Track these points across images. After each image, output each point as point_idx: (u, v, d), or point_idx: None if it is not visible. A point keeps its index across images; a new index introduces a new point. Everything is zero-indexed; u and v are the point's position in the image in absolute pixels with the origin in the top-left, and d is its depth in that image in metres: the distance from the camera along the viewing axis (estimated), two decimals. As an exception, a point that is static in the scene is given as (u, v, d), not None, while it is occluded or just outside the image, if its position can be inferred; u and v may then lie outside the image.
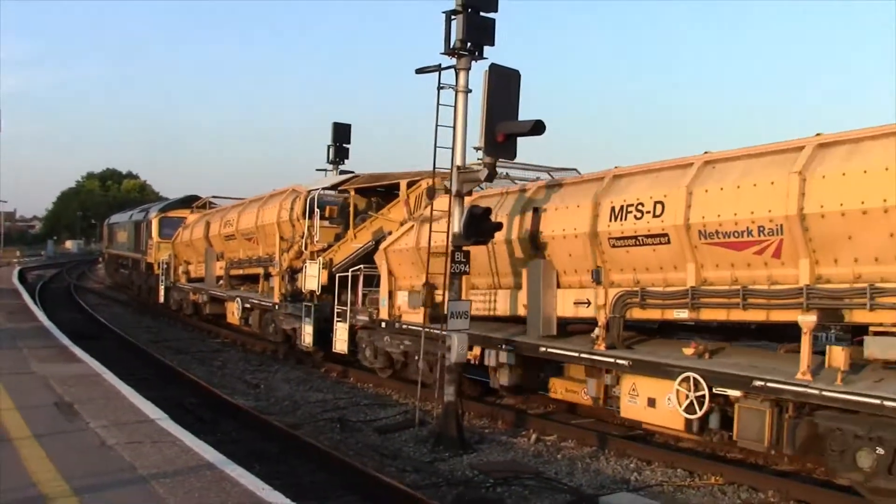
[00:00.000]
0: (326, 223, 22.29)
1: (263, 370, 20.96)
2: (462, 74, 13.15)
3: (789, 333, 11.09)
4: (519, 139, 12.92)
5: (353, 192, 21.67)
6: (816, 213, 10.27)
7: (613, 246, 12.89)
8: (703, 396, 11.20)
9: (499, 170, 15.89)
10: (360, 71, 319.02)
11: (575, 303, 13.76)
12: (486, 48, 13.09)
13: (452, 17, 12.90)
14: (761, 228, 10.91)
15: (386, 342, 17.94)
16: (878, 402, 9.21)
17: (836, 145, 10.45)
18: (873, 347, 9.94)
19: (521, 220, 14.57)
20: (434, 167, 13.79)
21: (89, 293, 49.07)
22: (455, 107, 13.25)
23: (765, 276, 11.13)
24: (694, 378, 11.32)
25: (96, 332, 27.01)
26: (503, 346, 14.59)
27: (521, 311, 14.56)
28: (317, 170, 27.37)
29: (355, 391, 18.05)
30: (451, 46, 12.99)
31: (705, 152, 12.22)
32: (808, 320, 10.28)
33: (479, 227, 13.22)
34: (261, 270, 25.42)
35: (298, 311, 21.14)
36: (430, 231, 14.40)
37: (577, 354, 13.32)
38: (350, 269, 19.43)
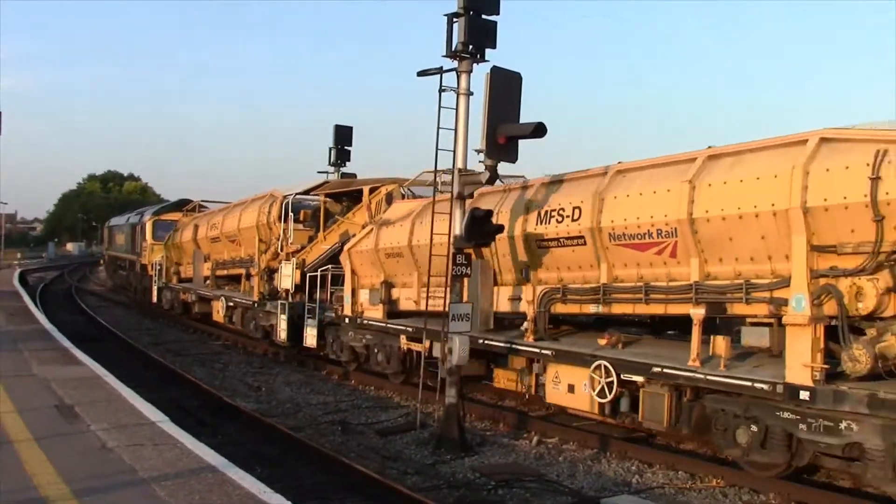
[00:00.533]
0: (300, 226, 23.66)
1: (265, 373, 20.95)
2: (463, 77, 13.15)
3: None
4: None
5: (323, 197, 23.46)
6: (703, 217, 11.54)
7: (539, 247, 14.20)
8: (612, 382, 12.50)
9: (447, 177, 17.79)
10: (363, 73, 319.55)
11: (509, 299, 15.08)
12: (488, 51, 13.09)
13: (454, 19, 12.90)
14: (660, 231, 12.19)
15: (350, 337, 19.49)
16: (749, 384, 10.60)
17: (723, 157, 11.73)
18: (748, 336, 11.44)
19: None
20: (436, 169, 13.80)
21: (90, 295, 49.10)
22: (456, 109, 13.25)
23: (664, 274, 12.43)
24: (605, 366, 12.62)
25: (97, 335, 27.03)
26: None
27: None
28: (318, 172, 27.48)
29: (357, 394, 18.04)
30: (453, 49, 12.99)
31: (618, 162, 13.46)
32: (697, 313, 11.53)
33: (481, 229, 13.23)
34: (243, 271, 26.75)
35: (275, 309, 22.52)
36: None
37: (508, 345, 14.56)
38: (319, 270, 20.99)
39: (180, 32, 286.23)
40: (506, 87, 12.79)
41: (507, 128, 12.65)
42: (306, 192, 24.13)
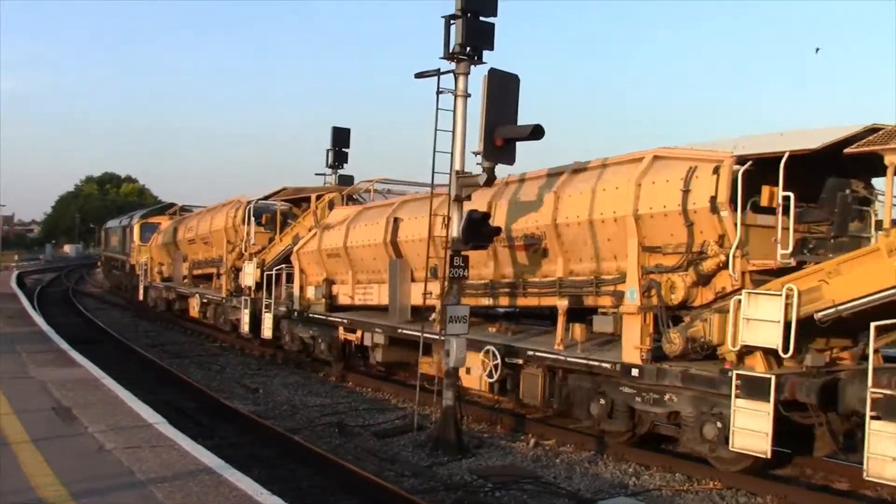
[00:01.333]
0: (261, 229, 25.84)
1: (262, 374, 20.95)
2: (461, 79, 13.14)
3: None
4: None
5: (279, 203, 25.72)
6: (565, 223, 13.77)
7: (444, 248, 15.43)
8: (498, 364, 14.41)
9: (381, 186, 23.10)
10: (361, 75, 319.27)
11: (423, 294, 16.43)
12: (486, 52, 13.09)
13: (452, 21, 12.89)
14: (534, 235, 14.40)
15: (299, 329, 21.76)
16: (597, 363, 12.72)
17: (585, 171, 13.88)
18: (598, 324, 13.20)
19: (388, 229, 18.16)
20: (433, 172, 13.80)
21: (88, 297, 49.06)
22: (454, 111, 13.24)
23: (540, 271, 14.68)
24: (492, 350, 14.55)
25: (95, 337, 27.01)
26: (375, 330, 18.22)
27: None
28: (316, 174, 27.55)
29: (354, 396, 18.05)
30: (451, 51, 12.98)
31: (508, 175, 15.34)
32: (562, 304, 13.77)
33: (479, 231, 13.24)
34: (214, 270, 29.06)
35: (240, 304, 24.66)
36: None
37: (418, 334, 15.77)
38: (275, 268, 23.11)
39: (179, 35, 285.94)
40: (503, 88, 12.79)
41: (504, 130, 12.65)
42: (267, 198, 26.16)
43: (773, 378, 10.39)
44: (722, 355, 11.35)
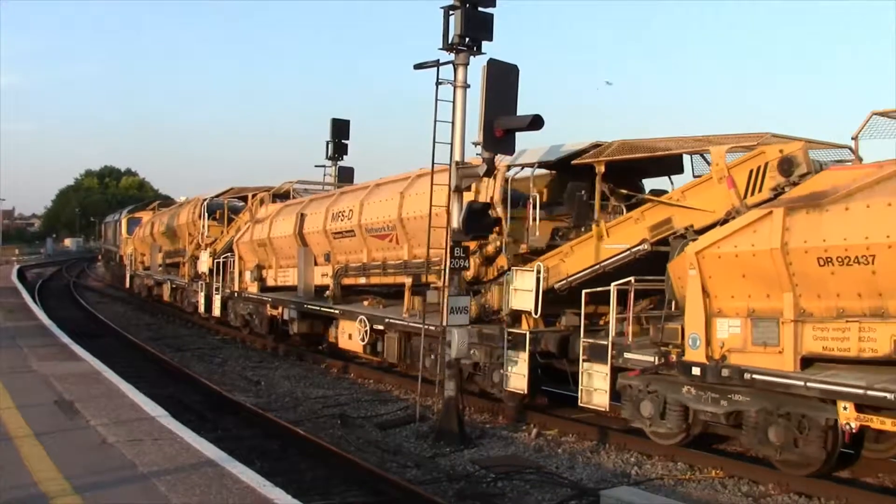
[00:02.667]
0: (215, 223, 30.14)
1: (264, 367, 20.96)
2: (460, 70, 13.12)
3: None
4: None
5: (226, 201, 30.53)
6: (407, 217, 17.41)
7: (335, 238, 20.56)
8: (367, 330, 18.32)
9: (299, 186, 26.84)
10: (360, 66, 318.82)
11: (321, 275, 21.53)
12: (485, 43, 13.06)
13: (451, 12, 12.86)
14: (389, 226, 18.13)
15: (240, 307, 25.98)
16: (427, 326, 15.48)
17: (425, 177, 15.72)
18: (429, 297, 15.65)
19: (296, 223, 22.20)
20: (433, 162, 13.78)
21: (89, 291, 49.10)
22: (453, 102, 13.22)
23: (395, 256, 18.40)
24: (363, 319, 18.55)
25: (96, 330, 27.05)
26: (290, 306, 22.26)
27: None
28: (316, 166, 27.59)
29: (356, 387, 18.07)
30: (450, 42, 12.96)
31: (380, 178, 19.76)
32: (407, 281, 17.64)
33: (480, 221, 13.23)
34: (181, 259, 33.38)
35: (198, 288, 29.24)
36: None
37: (318, 308, 20.90)
38: (222, 256, 27.46)
39: (178, 28, 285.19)
40: (503, 79, 12.77)
41: (504, 120, 12.64)
42: (218, 196, 30.88)
43: (528, 334, 13.86)
44: (501, 317, 14.63)
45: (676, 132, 13.48)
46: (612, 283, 12.41)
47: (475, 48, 13.03)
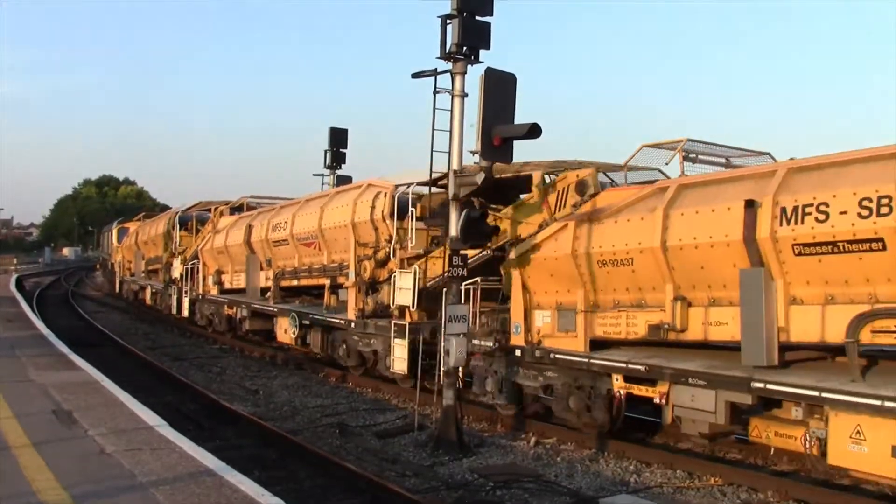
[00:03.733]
0: (186, 233, 33.65)
1: (262, 376, 20.94)
2: (458, 78, 13.15)
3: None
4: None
5: (194, 214, 33.96)
6: (326, 227, 20.79)
7: (274, 246, 24.00)
8: (297, 325, 21.53)
9: (252, 201, 30.27)
10: (358, 76, 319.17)
11: (265, 278, 25.09)
12: (482, 52, 13.09)
13: (448, 21, 12.89)
14: (312, 235, 21.52)
15: (205, 308, 29.61)
16: (338, 320, 19.72)
17: (342, 193, 20.92)
18: (341, 295, 20.16)
19: (245, 232, 25.70)
20: (430, 171, 13.81)
21: (87, 300, 49.04)
22: (451, 111, 13.25)
23: (318, 261, 21.81)
24: (294, 315, 21.80)
25: (94, 340, 27.00)
26: (241, 306, 25.92)
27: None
28: (314, 175, 27.57)
29: (354, 396, 18.05)
30: (447, 50, 12.99)
31: (308, 195, 23.48)
32: (327, 283, 21.24)
33: (477, 230, 13.25)
34: (160, 266, 37.01)
35: (172, 291, 33.17)
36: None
37: (259, 306, 24.68)
38: (190, 263, 31.00)
39: (175, 36, 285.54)
40: (500, 88, 12.79)
41: (501, 129, 12.66)
42: (188, 209, 35.01)
43: (407, 325, 16.74)
44: (391, 311, 17.50)
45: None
46: (463, 283, 14.27)
47: (473, 57, 13.07)
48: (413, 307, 16.49)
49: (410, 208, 17.63)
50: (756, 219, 10.81)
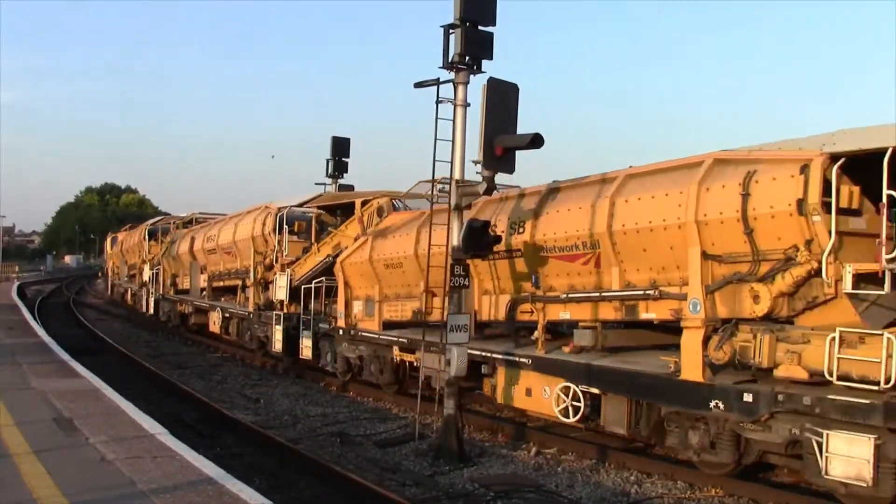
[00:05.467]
0: (155, 243, 40.42)
1: (263, 384, 20.94)
2: (460, 88, 13.17)
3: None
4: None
5: (160, 227, 42.27)
6: (237, 239, 26.13)
7: (208, 254, 30.06)
8: (221, 318, 27.60)
9: (200, 216, 38.19)
10: (360, 85, 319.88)
11: (203, 280, 30.66)
12: (485, 62, 13.12)
13: (451, 31, 12.93)
14: (230, 245, 26.93)
15: (166, 307, 35.61)
16: (240, 312, 26.13)
17: (252, 212, 26.14)
18: (246, 293, 24.76)
19: (189, 243, 32.52)
20: (433, 180, 13.83)
21: (88, 308, 49.06)
22: (454, 121, 13.27)
23: (235, 267, 27.22)
24: (219, 309, 27.89)
25: (95, 347, 27.01)
26: (187, 303, 32.10)
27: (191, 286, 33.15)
28: (316, 184, 27.71)
29: (355, 405, 18.04)
30: (450, 60, 13.02)
31: (234, 213, 29.34)
32: (239, 283, 26.24)
33: (479, 240, 13.24)
34: (136, 271, 44.01)
35: (143, 293, 39.82)
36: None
37: (199, 303, 30.72)
38: (156, 269, 37.43)
39: (178, 44, 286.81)
40: (503, 97, 12.82)
41: (504, 139, 12.67)
42: (155, 223, 44.13)
43: (282, 314, 22.57)
44: (275, 305, 23.45)
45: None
46: (313, 281, 21.14)
47: (475, 67, 13.10)
48: (287, 301, 22.45)
49: (285, 225, 23.41)
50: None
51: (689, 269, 11.53)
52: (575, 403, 13.11)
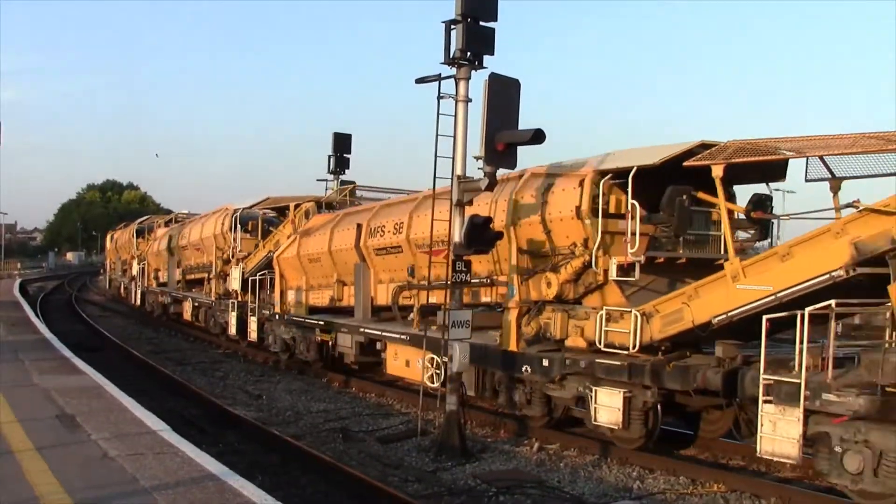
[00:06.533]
0: (142, 240, 45.21)
1: (265, 381, 20.95)
2: (462, 84, 13.15)
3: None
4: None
5: (146, 225, 47.33)
6: (204, 237, 30.61)
7: (182, 249, 33.85)
8: (192, 307, 31.79)
9: (182, 217, 43.07)
10: (361, 81, 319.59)
11: (179, 273, 34.60)
12: (486, 57, 13.10)
13: (452, 26, 12.90)
14: (199, 243, 31.03)
15: (150, 298, 39.53)
16: (206, 301, 30.67)
17: (217, 213, 30.46)
18: (211, 284, 29.67)
19: (167, 240, 36.77)
20: (434, 176, 13.80)
21: (90, 305, 49.13)
22: (455, 116, 13.25)
23: (202, 261, 31.22)
24: (191, 299, 32.10)
25: (97, 344, 27.05)
26: (167, 295, 36.07)
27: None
28: (318, 180, 27.85)
29: (357, 401, 18.05)
30: (451, 56, 13.00)
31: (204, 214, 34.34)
32: (205, 276, 30.28)
33: (481, 236, 13.22)
34: (127, 266, 48.56)
35: (130, 285, 45.38)
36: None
37: (175, 293, 34.81)
38: (142, 264, 42.20)
39: (179, 41, 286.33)
40: (504, 93, 12.81)
41: (505, 134, 12.66)
42: (143, 221, 49.41)
43: (236, 301, 26.40)
44: (232, 293, 27.06)
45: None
46: (258, 273, 25.25)
47: (477, 62, 13.08)
48: (240, 290, 26.25)
49: (238, 225, 27.22)
50: (360, 235, 19.61)
51: (509, 262, 14.51)
52: (437, 372, 15.52)
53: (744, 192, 13.52)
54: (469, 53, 12.94)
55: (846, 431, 9.89)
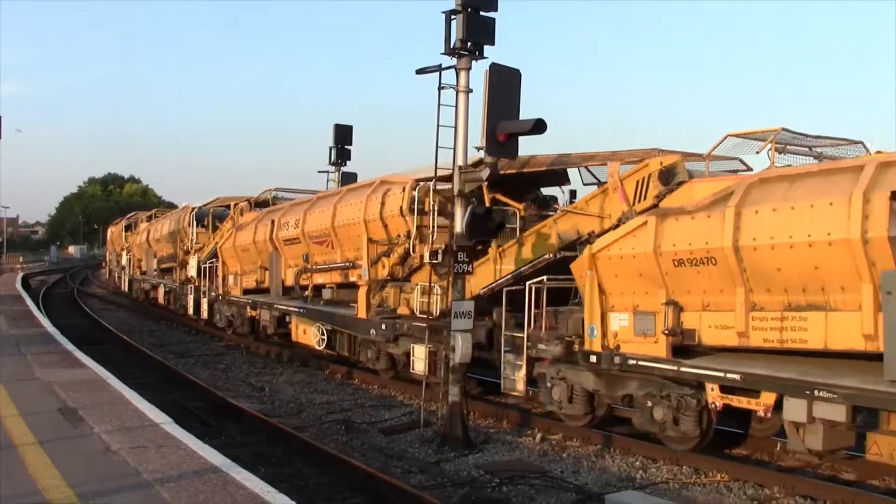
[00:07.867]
0: (130, 234, 49.04)
1: (268, 373, 20.96)
2: (462, 74, 13.11)
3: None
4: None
5: (132, 221, 50.64)
6: (172, 230, 34.76)
7: (156, 242, 38.43)
8: (165, 291, 36.16)
9: (158, 213, 46.95)
10: (362, 71, 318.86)
11: (155, 263, 38.13)
12: (487, 47, 13.06)
13: (452, 16, 12.85)
14: (167, 237, 36.09)
15: (136, 285, 43.90)
16: (172, 286, 35.13)
17: (178, 211, 37.06)
18: (179, 272, 33.60)
19: (145, 234, 41.50)
20: (436, 167, 13.77)
21: (93, 298, 49.17)
22: (456, 107, 13.21)
23: (171, 252, 35.24)
24: (163, 285, 36.17)
25: (100, 337, 27.04)
26: (146, 281, 40.94)
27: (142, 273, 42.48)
28: (319, 171, 27.65)
29: (360, 393, 18.05)
30: (452, 46, 12.95)
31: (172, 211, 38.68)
32: (175, 265, 34.52)
33: (483, 226, 13.20)
34: (118, 258, 51.38)
35: (120, 273, 50.02)
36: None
37: (152, 280, 38.90)
38: (127, 255, 46.38)
39: (179, 33, 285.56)
40: (505, 83, 12.75)
41: (506, 125, 12.62)
42: (130, 217, 52.81)
43: (192, 286, 30.12)
44: (192, 280, 30.69)
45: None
46: (208, 262, 28.57)
47: (477, 53, 13.03)
48: (197, 276, 29.88)
49: (195, 221, 31.67)
50: (274, 229, 23.74)
51: (362, 250, 19.00)
52: (322, 337, 20.49)
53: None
54: (469, 44, 12.88)
55: (552, 370, 13.85)
